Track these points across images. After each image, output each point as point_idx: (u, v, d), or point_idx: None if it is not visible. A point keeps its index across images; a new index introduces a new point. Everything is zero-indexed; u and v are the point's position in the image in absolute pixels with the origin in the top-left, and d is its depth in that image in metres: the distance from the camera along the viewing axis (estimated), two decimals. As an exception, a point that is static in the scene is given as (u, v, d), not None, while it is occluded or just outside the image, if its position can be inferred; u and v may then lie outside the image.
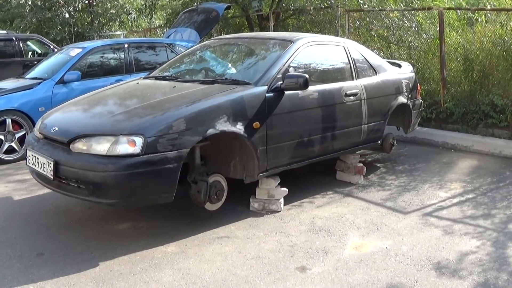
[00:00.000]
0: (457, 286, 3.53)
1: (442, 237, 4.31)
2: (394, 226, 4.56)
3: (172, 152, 3.99)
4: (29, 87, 7.31)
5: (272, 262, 3.88)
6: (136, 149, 3.88)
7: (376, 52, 8.79)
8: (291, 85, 4.68)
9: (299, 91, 4.85)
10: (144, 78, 5.61)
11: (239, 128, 4.38)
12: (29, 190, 5.65)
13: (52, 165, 4.12)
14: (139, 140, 3.90)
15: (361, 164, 5.85)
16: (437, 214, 4.84)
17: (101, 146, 3.95)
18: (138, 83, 5.34)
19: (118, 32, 18.23)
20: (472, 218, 4.72)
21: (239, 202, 5.06)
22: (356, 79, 5.63)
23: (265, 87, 4.65)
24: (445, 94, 7.72)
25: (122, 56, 8.21)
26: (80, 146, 4.07)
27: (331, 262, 3.88)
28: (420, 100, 6.77)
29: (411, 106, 6.37)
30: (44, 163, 4.22)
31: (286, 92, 4.77)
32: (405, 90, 6.23)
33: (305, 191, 5.52)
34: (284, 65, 4.91)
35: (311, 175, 6.01)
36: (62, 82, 7.42)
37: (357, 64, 5.71)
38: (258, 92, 4.59)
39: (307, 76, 4.66)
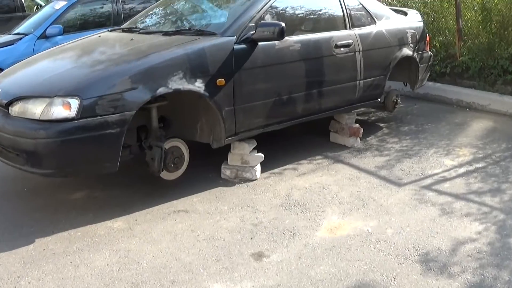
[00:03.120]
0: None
1: (438, 218, 3.64)
2: (384, 201, 3.91)
3: (114, 115, 3.40)
4: (10, 43, 6.89)
5: (226, 246, 3.30)
6: (71, 112, 3.31)
7: (389, 1, 7.94)
8: (265, 35, 4.00)
9: (276, 42, 4.17)
10: (111, 30, 4.97)
11: (198, 86, 3.75)
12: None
13: None
14: (74, 102, 3.32)
15: (357, 125, 5.17)
16: (438, 187, 4.15)
17: (36, 110, 3.41)
18: (100, 36, 4.71)
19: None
20: (478, 193, 4.02)
21: (213, 168, 4.48)
22: (349, 28, 4.90)
23: (233, 38, 3.98)
24: (461, 47, 6.86)
25: (110, 7, 7.58)
26: (16, 109, 3.54)
27: (296, 247, 3.28)
28: (429, 52, 5.97)
29: (418, 60, 5.60)
30: None
31: (259, 44, 4.10)
32: (410, 41, 5.45)
33: (290, 155, 4.89)
34: (258, 12, 4.22)
35: (302, 136, 5.38)
36: (44, 37, 6.96)
37: (351, 12, 4.96)
38: (223, 43, 3.93)
39: (283, 24, 3.97)
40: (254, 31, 4.03)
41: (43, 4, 11.99)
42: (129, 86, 3.46)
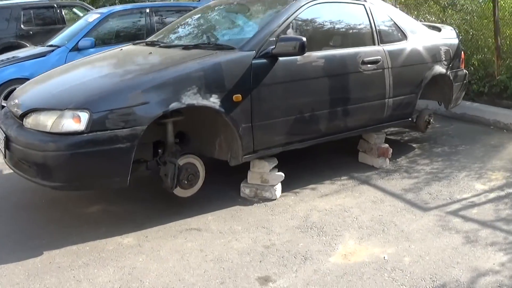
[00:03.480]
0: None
1: (460, 246, 3.41)
2: (406, 227, 3.70)
3: (124, 129, 3.35)
4: (42, 54, 6.95)
5: (233, 268, 3.17)
6: (81, 125, 3.28)
7: (427, 17, 7.71)
8: (285, 50, 3.88)
9: (297, 57, 4.04)
10: (135, 43, 4.95)
11: (213, 101, 3.66)
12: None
13: (3, 142, 3.63)
14: (84, 116, 3.29)
15: (386, 145, 4.96)
16: (464, 213, 3.92)
17: (47, 122, 3.40)
18: (121, 49, 4.70)
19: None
20: (507, 221, 3.77)
21: (234, 185, 4.37)
22: (378, 44, 4.72)
23: (252, 52, 3.88)
24: (500, 65, 6.56)
25: (143, 21, 7.63)
26: (30, 121, 3.54)
27: (305, 273, 3.12)
28: (465, 70, 5.71)
29: (451, 77, 5.36)
30: (2, 139, 3.72)
31: (280, 59, 3.97)
32: (443, 58, 5.23)
33: (316, 174, 4.74)
34: (280, 26, 4.11)
35: (330, 155, 5.21)
36: (76, 49, 7.00)
37: (380, 27, 4.79)
38: (240, 58, 3.83)
39: (304, 39, 3.84)
40: (274, 46, 3.91)
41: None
42: (140, 100, 3.40)
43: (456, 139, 5.84)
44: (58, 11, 11.19)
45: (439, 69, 5.18)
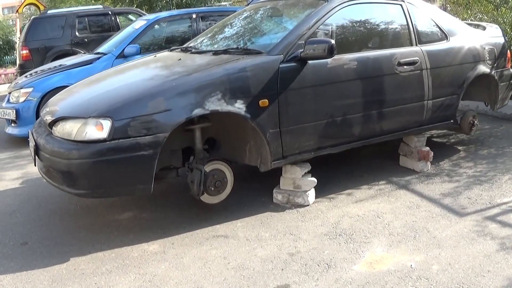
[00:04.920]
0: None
1: (493, 254, 3.24)
2: (438, 233, 3.55)
3: (147, 137, 3.37)
4: (89, 62, 7.09)
5: (253, 276, 3.13)
6: (103, 133, 3.33)
7: (479, 16, 7.40)
8: (313, 53, 3.81)
9: (328, 60, 3.96)
10: (170, 50, 5.00)
11: (238, 107, 3.63)
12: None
13: (33, 150, 3.74)
14: (106, 124, 3.34)
15: (427, 148, 4.79)
16: (503, 218, 3.73)
17: (72, 130, 3.47)
18: (155, 56, 4.75)
19: (224, 2, 17.82)
20: (548, 227, 3.55)
21: (268, 192, 4.33)
22: (416, 44, 4.56)
23: (279, 57, 3.82)
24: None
25: (190, 26, 7.69)
26: (57, 129, 3.63)
27: (326, 282, 3.04)
28: (511, 70, 5.43)
29: (496, 77, 5.11)
30: (32, 146, 3.84)
31: (309, 62, 3.90)
32: (488, 58, 4.99)
33: (354, 179, 4.65)
34: (310, 29, 4.03)
35: (372, 160, 5.08)
36: (122, 56, 7.10)
37: (419, 27, 4.62)
38: (267, 62, 3.78)
39: (332, 41, 3.76)
40: (302, 50, 3.84)
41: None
42: (163, 107, 3.41)
43: (504, 140, 5.57)
44: (113, 18, 11.37)
45: (483, 68, 4.95)
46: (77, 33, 10.75)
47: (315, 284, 3.01)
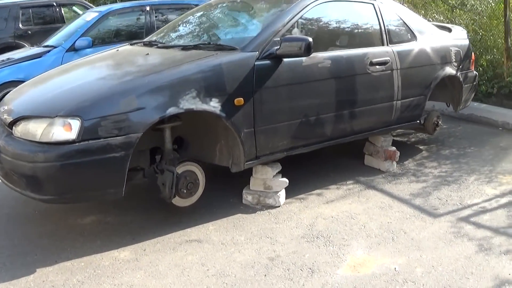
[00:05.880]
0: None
1: (474, 255, 3.24)
2: (416, 235, 3.53)
3: (118, 137, 3.15)
4: (38, 55, 6.73)
5: (236, 283, 2.99)
6: (72, 134, 3.08)
7: (435, 16, 7.52)
8: (290, 51, 3.69)
9: (303, 59, 3.85)
10: (131, 44, 4.75)
11: (214, 105, 3.47)
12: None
13: None
14: (75, 124, 3.09)
15: (393, 148, 4.78)
16: (476, 219, 3.75)
17: (36, 131, 3.18)
18: (118, 50, 4.51)
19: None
20: (521, 228, 3.60)
21: (235, 192, 4.20)
22: (387, 44, 4.54)
23: (255, 53, 3.69)
24: (509, 67, 6.37)
25: (143, 19, 7.42)
26: (19, 129, 3.32)
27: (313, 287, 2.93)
28: (475, 72, 5.54)
29: (461, 79, 5.18)
30: None
31: (284, 60, 3.78)
32: (454, 60, 5.04)
33: (321, 179, 4.57)
34: (285, 25, 3.92)
35: (335, 159, 5.02)
36: (73, 49, 6.79)
37: (390, 27, 4.61)
38: (242, 60, 3.64)
39: (310, 39, 3.65)
40: (278, 46, 3.72)
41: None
42: (135, 106, 3.21)
43: (464, 140, 5.66)
44: (58, 9, 10.85)
45: (449, 70, 5.00)
46: (20, 25, 10.21)
47: (301, 291, 2.90)
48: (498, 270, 3.07)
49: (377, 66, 4.36)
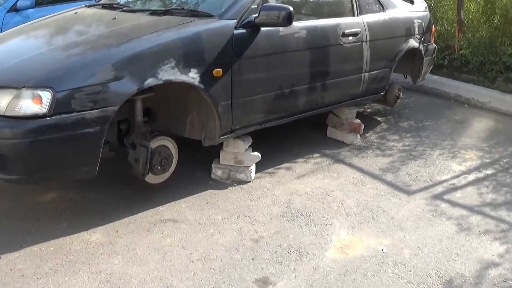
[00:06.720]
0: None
1: (455, 236, 3.26)
2: (395, 213, 3.50)
3: (93, 111, 2.85)
4: None
5: (225, 268, 2.83)
6: (43, 107, 2.74)
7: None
8: (269, 20, 3.49)
9: (280, 28, 3.65)
10: (88, 6, 4.33)
11: (193, 76, 3.23)
12: None
13: None
14: (46, 95, 2.74)
15: (358, 121, 4.73)
16: (450, 197, 3.77)
17: (0, 103, 2.80)
18: (76, 12, 4.09)
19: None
20: (493, 207, 3.66)
21: (201, 165, 4.01)
22: (357, 15, 4.41)
23: (233, 21, 3.46)
24: (461, 39, 6.45)
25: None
26: None
27: (305, 272, 2.84)
28: (434, 45, 5.56)
29: (423, 52, 5.16)
30: None
31: (262, 29, 3.58)
32: (417, 32, 5.02)
33: (285, 152, 4.44)
34: (262, -8, 3.67)
35: (296, 130, 4.90)
36: (15, 9, 6.20)
37: (359, -4, 4.47)
38: (222, 28, 3.40)
39: (291, 8, 3.46)
40: (257, 14, 3.50)
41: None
42: (112, 76, 2.90)
43: (419, 113, 5.71)
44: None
45: (413, 43, 4.97)
46: None
47: (294, 275, 2.80)
48: (481, 251, 3.09)
49: (350, 38, 4.25)
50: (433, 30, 5.45)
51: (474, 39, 6.44)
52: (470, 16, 6.67)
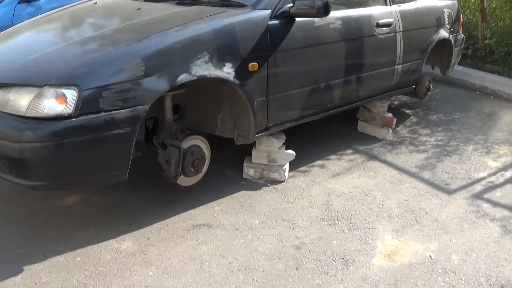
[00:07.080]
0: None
1: (501, 239, 3.06)
2: (437, 215, 3.30)
3: (123, 110, 2.62)
4: None
5: (268, 280, 2.63)
6: (68, 107, 2.50)
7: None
8: (305, 10, 3.25)
9: (315, 19, 3.42)
10: (107, -4, 4.09)
11: (227, 71, 3.00)
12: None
13: None
14: (71, 94, 2.50)
15: (390, 115, 4.52)
16: (490, 196, 3.58)
17: (20, 102, 2.56)
18: (96, 2, 3.85)
19: None
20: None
21: (231, 164, 3.81)
22: (390, 4, 4.19)
23: (267, 11, 3.23)
24: (484, 29, 6.21)
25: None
26: None
27: (353, 282, 2.64)
28: (462, 35, 5.36)
29: (452, 42, 4.94)
30: None
31: (297, 20, 3.34)
32: (447, 22, 4.80)
33: (315, 148, 4.25)
34: (297, -20, 3.42)
35: (322, 124, 4.65)
36: (26, 0, 5.94)
37: (391, -17, 4.24)
38: (256, 18, 3.17)
39: (328, -3, 3.21)
40: (291, 4, 3.27)
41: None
42: (142, 72, 2.67)
43: (447, 105, 5.51)
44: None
45: (443, 33, 4.77)
46: None
47: (342, 286, 2.59)
48: (532, 256, 2.89)
49: (383, 28, 4.03)
50: (461, 19, 5.22)
51: (498, 28, 6.20)
52: (493, 5, 6.41)
